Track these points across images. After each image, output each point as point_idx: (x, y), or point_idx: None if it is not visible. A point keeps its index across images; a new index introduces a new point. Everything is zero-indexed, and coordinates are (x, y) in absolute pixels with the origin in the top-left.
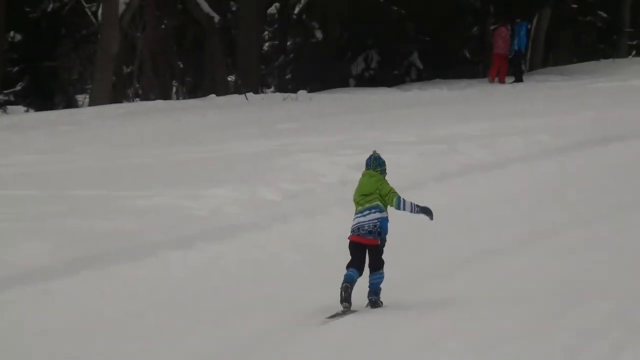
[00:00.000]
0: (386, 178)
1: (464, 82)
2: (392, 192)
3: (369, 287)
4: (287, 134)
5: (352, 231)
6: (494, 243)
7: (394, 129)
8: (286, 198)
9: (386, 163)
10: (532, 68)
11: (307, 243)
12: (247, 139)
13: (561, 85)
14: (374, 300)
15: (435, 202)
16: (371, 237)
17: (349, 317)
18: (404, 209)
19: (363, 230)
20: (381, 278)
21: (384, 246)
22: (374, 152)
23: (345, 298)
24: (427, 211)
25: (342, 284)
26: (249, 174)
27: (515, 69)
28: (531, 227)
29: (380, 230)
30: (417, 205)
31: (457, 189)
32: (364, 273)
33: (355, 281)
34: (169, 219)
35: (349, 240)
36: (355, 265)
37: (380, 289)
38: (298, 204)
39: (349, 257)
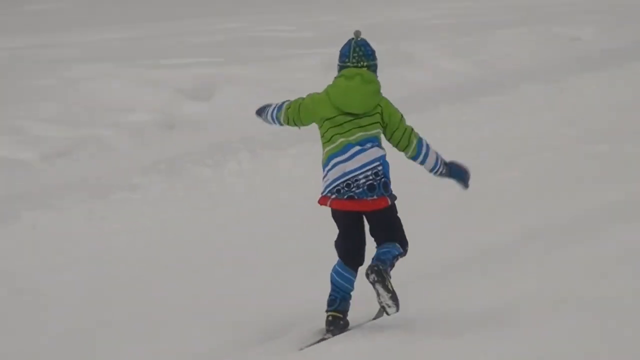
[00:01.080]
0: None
1: None
2: (404, 122)
3: (376, 255)
4: (49, 23)
5: (336, 191)
6: (499, 237)
7: (278, 10)
8: (48, 157)
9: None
10: None
11: (92, 249)
12: None
13: None
14: (380, 269)
15: None
16: (375, 197)
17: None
18: (423, 163)
19: (357, 186)
20: (398, 250)
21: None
22: (357, 33)
23: (333, 328)
24: (459, 173)
25: (328, 309)
26: None
27: None
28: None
29: (386, 180)
30: (444, 161)
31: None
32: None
33: (351, 293)
34: None
35: (330, 209)
36: (350, 257)
37: (393, 261)
38: (74, 168)
39: (171, 276)
